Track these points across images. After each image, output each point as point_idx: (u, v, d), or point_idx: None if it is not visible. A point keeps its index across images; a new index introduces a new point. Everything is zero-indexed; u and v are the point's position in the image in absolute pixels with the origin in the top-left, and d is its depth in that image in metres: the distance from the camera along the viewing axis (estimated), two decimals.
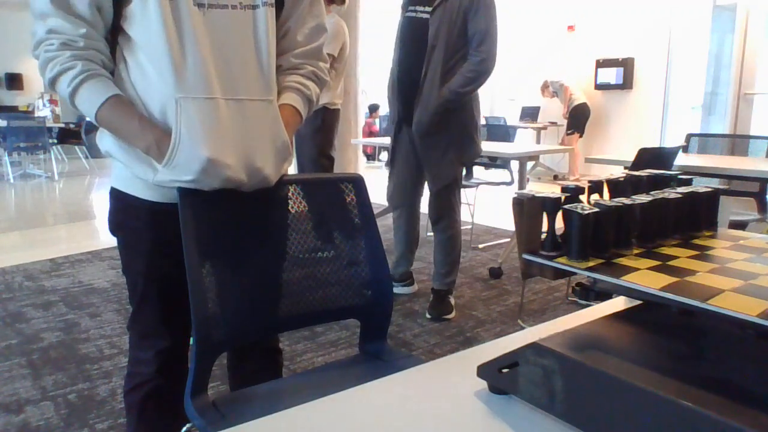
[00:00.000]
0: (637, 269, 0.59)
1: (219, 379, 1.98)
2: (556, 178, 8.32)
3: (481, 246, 4.36)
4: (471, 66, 2.64)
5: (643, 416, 0.49)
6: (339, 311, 1.35)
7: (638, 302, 0.69)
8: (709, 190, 0.76)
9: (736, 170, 2.91)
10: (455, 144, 2.78)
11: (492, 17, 2.64)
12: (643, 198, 0.69)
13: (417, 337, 2.70)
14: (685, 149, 3.95)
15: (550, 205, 0.64)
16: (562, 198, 0.66)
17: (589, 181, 0.73)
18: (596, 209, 0.63)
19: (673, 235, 0.71)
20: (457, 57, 2.67)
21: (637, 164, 2.68)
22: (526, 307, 3.07)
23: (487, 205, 5.78)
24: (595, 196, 0.72)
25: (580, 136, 7.92)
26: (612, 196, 0.74)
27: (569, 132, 7.91)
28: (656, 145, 6.79)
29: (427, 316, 2.94)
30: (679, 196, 0.71)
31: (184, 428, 1.27)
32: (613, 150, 7.95)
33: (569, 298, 3.20)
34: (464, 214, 4.65)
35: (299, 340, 2.62)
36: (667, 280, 0.56)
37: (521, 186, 3.97)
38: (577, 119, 7.84)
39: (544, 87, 8.20)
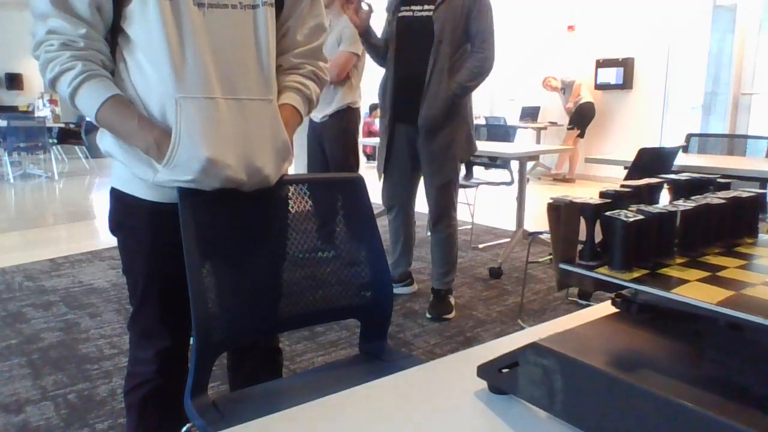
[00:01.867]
0: (686, 281, 0.56)
1: (219, 379, 1.98)
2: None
3: (481, 246, 4.36)
4: (476, 62, 2.71)
5: (643, 416, 0.49)
6: (339, 311, 1.35)
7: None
8: (752, 194, 0.71)
9: (737, 170, 2.92)
10: (457, 140, 2.82)
11: (492, 17, 2.75)
12: (686, 204, 0.65)
13: (417, 337, 2.70)
14: (685, 149, 3.95)
15: (589, 212, 0.60)
16: (602, 204, 0.62)
17: (629, 186, 0.69)
18: (640, 216, 0.59)
19: (715, 242, 0.67)
20: (461, 52, 2.74)
21: (637, 164, 2.68)
22: (526, 307, 3.07)
23: (487, 205, 5.79)
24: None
25: (579, 136, 7.90)
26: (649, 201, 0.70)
27: (570, 126, 7.90)
28: (656, 145, 6.79)
29: (427, 316, 2.94)
30: (723, 201, 0.67)
31: (184, 428, 1.27)
32: (613, 150, 7.94)
33: (569, 298, 3.20)
34: (464, 214, 4.67)
35: (299, 340, 2.62)
36: (722, 293, 0.53)
37: (521, 186, 3.97)
38: (582, 117, 7.83)
39: (547, 82, 8.12)
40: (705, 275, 0.58)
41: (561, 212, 0.61)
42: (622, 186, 0.69)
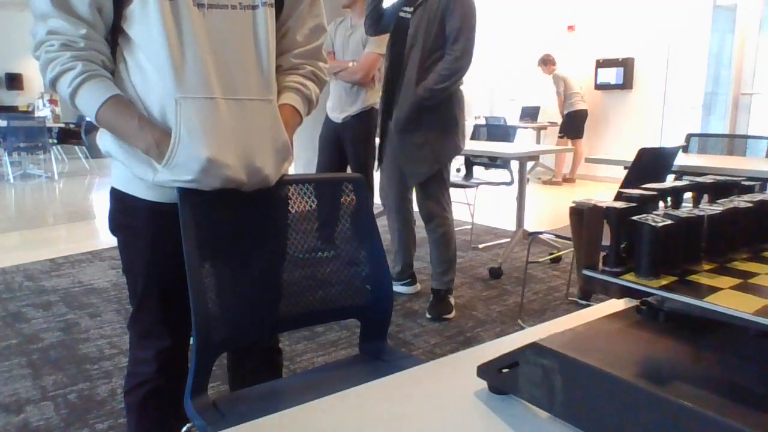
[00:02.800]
0: (718, 288, 0.54)
1: (219, 379, 1.98)
2: None
3: (481, 246, 4.36)
4: (445, 64, 2.68)
5: (643, 416, 0.49)
6: (339, 311, 1.35)
7: (637, 302, 0.68)
8: None
9: (737, 170, 2.91)
10: (431, 142, 2.80)
11: (468, 15, 2.66)
12: (714, 208, 0.63)
13: (417, 337, 2.70)
14: (685, 149, 3.95)
15: (614, 216, 0.58)
16: (627, 208, 0.59)
17: (655, 189, 0.67)
18: (669, 221, 0.56)
19: (743, 247, 0.65)
20: (435, 57, 2.70)
21: (637, 164, 2.68)
22: (526, 307, 3.06)
23: (487, 205, 5.79)
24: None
25: (574, 138, 7.85)
26: (673, 205, 0.68)
27: (560, 135, 7.87)
28: (656, 145, 6.78)
29: (427, 316, 2.94)
30: (751, 205, 0.65)
31: (184, 428, 1.27)
32: (613, 150, 7.94)
33: (569, 298, 3.20)
34: (464, 214, 4.67)
35: (299, 340, 2.62)
36: (757, 301, 0.51)
37: (521, 186, 3.97)
38: (572, 124, 7.77)
39: (544, 62, 8.00)
40: (737, 282, 0.56)
41: (584, 216, 0.59)
42: (645, 189, 0.67)
